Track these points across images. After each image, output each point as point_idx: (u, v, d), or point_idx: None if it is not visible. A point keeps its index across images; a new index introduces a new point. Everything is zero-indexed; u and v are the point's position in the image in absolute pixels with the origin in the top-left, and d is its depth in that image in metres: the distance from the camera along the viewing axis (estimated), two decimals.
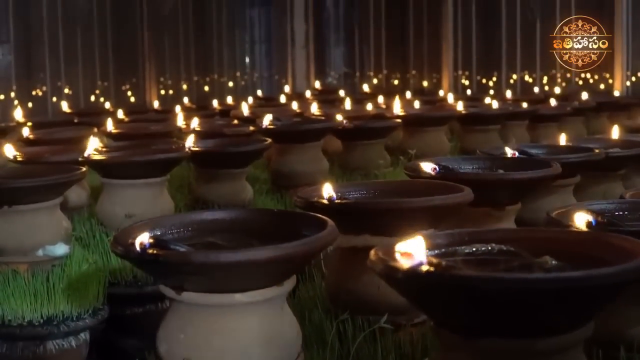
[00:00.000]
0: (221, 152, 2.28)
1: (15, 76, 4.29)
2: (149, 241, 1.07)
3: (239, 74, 5.21)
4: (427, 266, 0.87)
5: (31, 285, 1.82)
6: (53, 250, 1.85)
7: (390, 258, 0.92)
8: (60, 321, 1.83)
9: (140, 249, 1.07)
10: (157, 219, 1.23)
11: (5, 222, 1.83)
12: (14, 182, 1.79)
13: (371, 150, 2.80)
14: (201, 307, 1.10)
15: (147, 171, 2.07)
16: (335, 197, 1.35)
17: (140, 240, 1.08)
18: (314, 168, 2.57)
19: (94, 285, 1.89)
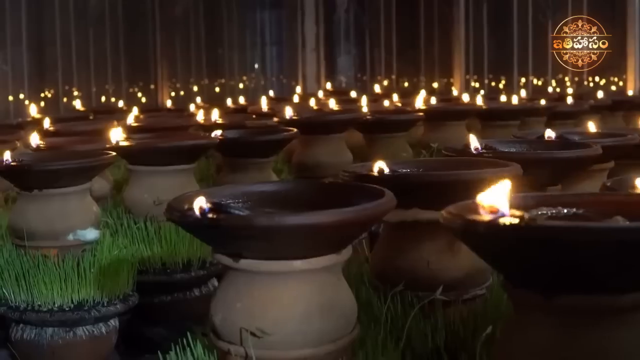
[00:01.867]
0: (250, 141, 2.24)
1: (28, 76, 4.26)
2: (208, 206, 1.04)
3: (249, 76, 5.19)
4: (511, 219, 0.84)
5: (61, 270, 1.78)
6: (84, 235, 1.81)
7: (467, 214, 0.88)
8: (91, 306, 1.80)
9: (200, 213, 1.03)
10: (209, 190, 1.19)
11: (35, 206, 1.80)
12: (46, 164, 1.76)
13: (394, 143, 2.76)
14: (259, 275, 1.06)
15: (176, 158, 2.04)
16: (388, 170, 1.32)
17: (200, 205, 1.04)
18: (339, 160, 2.54)
19: (124, 271, 1.86)
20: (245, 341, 1.07)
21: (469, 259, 1.36)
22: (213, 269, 2.08)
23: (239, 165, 2.26)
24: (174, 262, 2.03)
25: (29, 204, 1.80)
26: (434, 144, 2.82)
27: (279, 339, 1.06)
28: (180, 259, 2.03)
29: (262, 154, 2.27)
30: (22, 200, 1.83)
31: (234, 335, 1.08)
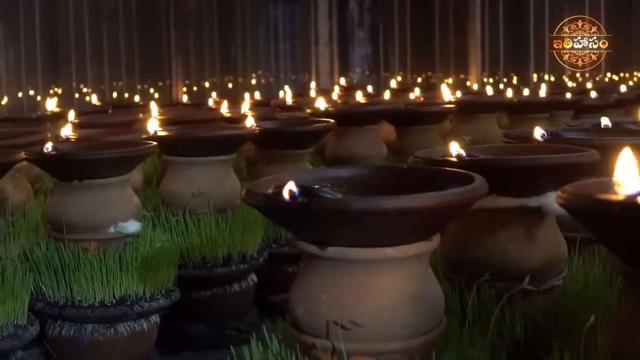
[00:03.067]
0: (289, 132, 2.16)
1: (41, 70, 4.17)
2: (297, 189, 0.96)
3: (263, 72, 5.10)
4: None
5: (103, 263, 1.70)
6: (125, 227, 1.73)
7: (590, 193, 0.80)
8: (134, 302, 1.72)
9: (289, 197, 0.95)
10: (286, 174, 1.11)
11: (75, 198, 1.71)
12: (89, 154, 1.68)
13: (427, 136, 2.69)
14: (348, 263, 0.98)
15: (217, 148, 1.96)
16: (465, 155, 1.24)
17: (290, 189, 0.96)
18: (374, 152, 2.47)
19: (166, 265, 1.78)
20: (333, 334, 0.99)
21: (547, 248, 1.29)
22: (254, 263, 2.00)
23: (275, 157, 2.18)
24: (214, 256, 1.95)
25: (68, 195, 1.72)
26: (466, 137, 2.75)
27: (370, 331, 0.98)
28: (220, 253, 1.95)
29: (300, 145, 2.19)
30: (60, 191, 1.74)
31: (320, 329, 1.01)
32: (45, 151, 1.67)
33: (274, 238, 2.16)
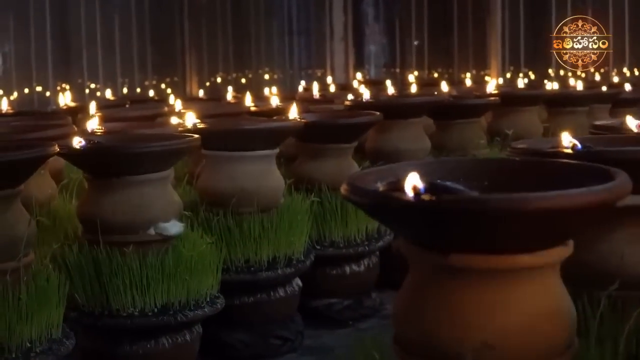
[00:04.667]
0: (334, 124, 1.99)
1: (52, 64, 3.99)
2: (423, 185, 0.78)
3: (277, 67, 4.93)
4: None
5: (143, 268, 1.52)
6: (166, 229, 1.55)
7: None
8: (177, 310, 1.54)
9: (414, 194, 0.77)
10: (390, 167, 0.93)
11: (112, 196, 1.54)
12: (132, 147, 1.50)
13: (469, 129, 2.52)
14: (476, 274, 0.81)
15: (261, 142, 1.79)
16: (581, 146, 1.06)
17: (413, 184, 0.79)
18: (418, 146, 2.29)
19: (210, 270, 1.60)
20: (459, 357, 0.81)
21: None
22: (300, 266, 1.83)
23: (318, 151, 2.01)
24: (258, 259, 1.77)
25: (104, 193, 1.54)
26: (508, 130, 2.58)
27: (501, 353, 0.81)
28: (265, 255, 1.78)
29: (346, 139, 2.02)
30: (95, 189, 1.56)
31: (439, 350, 0.83)
32: (80, 145, 1.49)
33: (317, 238, 1.98)
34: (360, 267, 2.05)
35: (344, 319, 2.04)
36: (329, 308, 2.04)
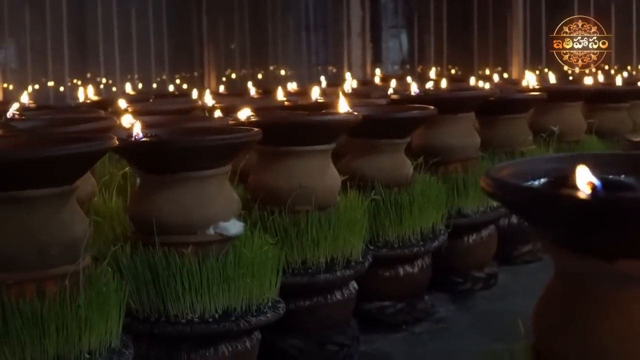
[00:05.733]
0: (389, 118, 1.86)
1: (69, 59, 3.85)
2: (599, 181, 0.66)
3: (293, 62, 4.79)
4: None
5: (203, 271, 1.39)
6: (226, 228, 1.42)
7: None
8: (239, 316, 1.41)
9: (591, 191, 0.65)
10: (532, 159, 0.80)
11: (167, 193, 1.40)
12: (191, 141, 1.37)
13: (515, 125, 2.40)
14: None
15: (319, 136, 1.66)
16: None
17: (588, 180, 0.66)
18: (468, 142, 2.17)
19: (270, 273, 1.47)
20: None
21: None
22: (359, 268, 1.70)
23: (370, 147, 1.88)
24: (316, 261, 1.64)
25: (159, 190, 1.41)
26: (554, 127, 2.46)
27: None
28: (323, 257, 1.65)
29: (400, 134, 1.89)
30: (149, 185, 1.43)
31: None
32: (134, 138, 1.36)
33: (369, 238, 1.85)
34: (414, 269, 1.93)
35: (397, 323, 1.92)
36: (381, 311, 1.91)
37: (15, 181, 1.14)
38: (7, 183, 1.15)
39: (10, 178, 1.14)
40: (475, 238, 2.16)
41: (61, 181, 1.18)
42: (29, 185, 1.15)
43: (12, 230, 1.15)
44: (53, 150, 1.14)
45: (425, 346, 1.82)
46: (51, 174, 1.16)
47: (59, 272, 1.18)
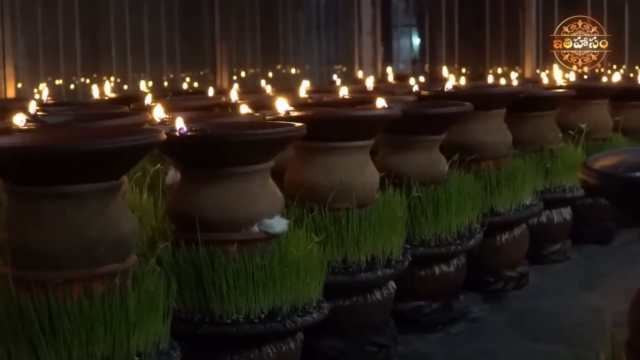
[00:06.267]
0: (427, 114, 1.81)
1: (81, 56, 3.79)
2: None
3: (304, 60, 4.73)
4: None
5: (249, 270, 1.34)
6: (271, 226, 1.37)
7: None
8: (285, 316, 1.36)
9: None
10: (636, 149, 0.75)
11: (210, 189, 1.35)
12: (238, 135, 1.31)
13: (544, 122, 2.36)
14: None
15: (359, 132, 1.61)
16: None
17: None
18: (501, 139, 2.12)
19: (315, 271, 1.42)
20: None
21: None
22: (399, 267, 1.65)
23: (406, 143, 1.83)
24: (356, 259, 1.59)
25: (202, 186, 1.36)
26: (582, 124, 2.41)
27: None
28: (364, 255, 1.59)
29: (436, 130, 1.85)
30: (190, 181, 1.38)
31: None
32: (179, 131, 1.31)
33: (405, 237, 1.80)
34: (450, 268, 1.88)
35: (432, 323, 1.86)
36: (417, 311, 1.86)
37: (62, 175, 1.09)
38: (54, 177, 1.09)
39: (57, 172, 1.08)
40: (507, 237, 2.11)
41: (109, 176, 1.13)
42: (76, 179, 1.10)
43: (58, 226, 1.10)
44: (105, 143, 1.08)
45: (464, 347, 1.77)
46: (100, 168, 1.10)
47: (106, 271, 1.13)
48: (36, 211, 1.10)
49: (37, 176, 1.10)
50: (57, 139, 1.17)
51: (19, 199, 1.13)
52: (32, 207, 1.11)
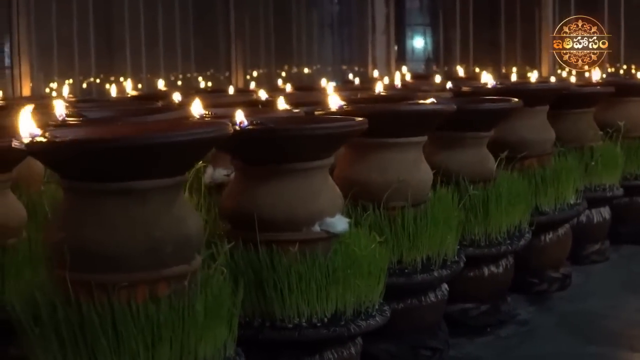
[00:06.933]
0: (478, 110, 1.74)
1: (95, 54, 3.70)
2: None
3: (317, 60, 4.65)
4: None
5: (311, 271, 1.26)
6: (333, 225, 1.29)
7: None
8: (349, 320, 1.28)
9: None
10: None
11: (272, 186, 1.28)
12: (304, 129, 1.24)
13: (583, 120, 2.29)
14: None
15: (414, 127, 1.53)
16: None
17: None
18: (544, 136, 2.05)
19: (376, 273, 1.34)
20: None
21: None
22: (455, 268, 1.58)
23: (454, 140, 1.76)
24: (412, 260, 1.52)
25: (261, 183, 1.28)
26: (621, 122, 2.35)
27: None
28: (419, 256, 1.52)
29: (485, 127, 1.77)
30: (248, 178, 1.30)
31: None
32: (239, 125, 1.23)
33: None
34: (499, 269, 1.80)
35: (481, 326, 1.79)
36: (465, 313, 1.79)
37: (128, 170, 1.01)
38: (118, 172, 1.01)
39: (123, 167, 1.01)
40: (552, 237, 2.04)
41: (174, 171, 1.05)
42: (142, 174, 1.02)
43: (123, 225, 1.02)
44: (178, 134, 1.00)
45: (516, 350, 1.70)
46: (169, 161, 1.03)
47: (173, 273, 1.05)
48: (98, 209, 1.02)
49: (101, 171, 1.02)
50: (118, 132, 1.10)
51: (79, 197, 1.05)
52: (93, 205, 1.03)
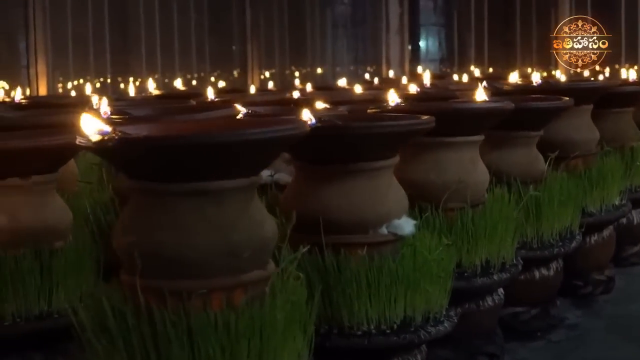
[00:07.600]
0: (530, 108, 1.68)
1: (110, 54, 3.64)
2: None
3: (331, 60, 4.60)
4: None
5: (380, 275, 1.20)
6: (401, 227, 1.23)
7: None
8: (419, 326, 1.22)
9: None
10: None
11: (338, 187, 1.22)
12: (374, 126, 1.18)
13: (624, 119, 2.23)
14: None
15: (473, 126, 1.48)
16: None
17: None
18: (589, 136, 2.00)
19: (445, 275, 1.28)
20: None
21: None
22: (514, 271, 1.52)
23: (503, 140, 1.70)
24: (472, 263, 1.46)
25: (326, 184, 1.22)
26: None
27: None
28: (478, 259, 1.46)
29: (536, 126, 1.72)
30: (311, 178, 1.24)
31: None
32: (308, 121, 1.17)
33: None
34: (550, 272, 1.75)
35: (531, 330, 1.73)
36: (515, 317, 1.73)
37: (204, 170, 0.95)
38: (194, 172, 0.95)
39: (199, 166, 0.94)
40: (597, 238, 1.98)
41: (249, 171, 0.99)
42: (218, 175, 0.96)
43: (199, 229, 0.96)
44: (257, 133, 0.94)
45: (572, 355, 1.64)
46: (245, 161, 0.96)
47: (250, 279, 0.98)
48: (172, 212, 0.96)
49: (175, 171, 0.95)
50: (189, 130, 1.03)
51: (151, 198, 0.98)
52: (166, 207, 0.96)
